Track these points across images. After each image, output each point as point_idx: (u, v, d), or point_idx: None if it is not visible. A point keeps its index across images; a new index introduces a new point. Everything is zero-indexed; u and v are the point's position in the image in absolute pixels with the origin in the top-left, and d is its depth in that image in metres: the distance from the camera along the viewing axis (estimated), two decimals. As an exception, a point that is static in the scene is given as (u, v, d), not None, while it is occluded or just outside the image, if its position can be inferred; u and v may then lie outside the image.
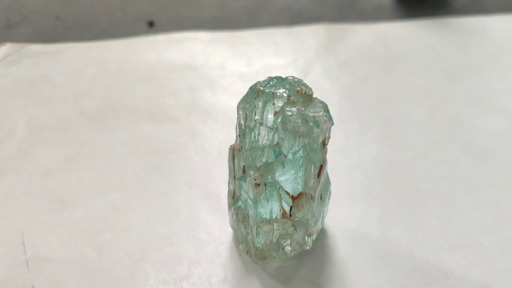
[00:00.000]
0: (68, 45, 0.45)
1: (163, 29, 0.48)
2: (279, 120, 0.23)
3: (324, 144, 0.25)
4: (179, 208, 0.32)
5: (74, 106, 0.39)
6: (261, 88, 0.24)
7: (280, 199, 0.25)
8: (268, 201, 0.25)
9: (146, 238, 0.30)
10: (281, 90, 0.24)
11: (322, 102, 0.24)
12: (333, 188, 0.31)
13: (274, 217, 0.26)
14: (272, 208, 0.25)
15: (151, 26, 0.48)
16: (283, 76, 0.25)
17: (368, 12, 0.50)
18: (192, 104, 0.39)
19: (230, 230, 0.31)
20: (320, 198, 0.27)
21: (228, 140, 0.36)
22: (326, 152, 0.25)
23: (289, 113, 0.23)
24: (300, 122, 0.23)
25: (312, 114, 0.23)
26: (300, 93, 0.24)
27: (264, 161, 0.24)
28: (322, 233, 0.30)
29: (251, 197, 0.25)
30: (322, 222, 0.29)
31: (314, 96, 0.25)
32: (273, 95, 0.24)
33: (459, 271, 0.29)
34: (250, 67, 0.43)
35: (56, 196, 0.33)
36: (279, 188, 0.25)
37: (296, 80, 0.25)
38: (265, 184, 0.24)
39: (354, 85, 0.41)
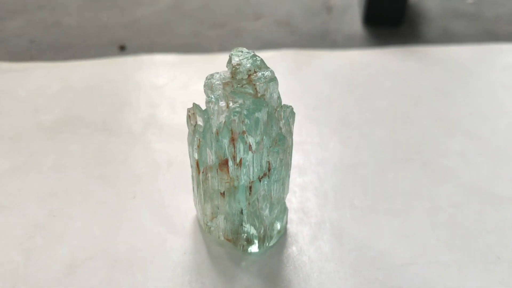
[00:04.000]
0: (37, 64, 0.46)
1: (134, 53, 0.48)
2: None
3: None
4: (119, 216, 0.31)
5: (31, 119, 0.39)
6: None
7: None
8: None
9: (80, 246, 0.29)
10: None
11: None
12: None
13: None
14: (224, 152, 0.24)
15: (122, 50, 0.49)
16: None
17: (339, 43, 0.51)
18: (150, 120, 0.39)
19: (169, 238, 0.29)
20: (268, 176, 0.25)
21: (181, 154, 0.35)
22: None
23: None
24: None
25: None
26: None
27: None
28: (272, 247, 0.29)
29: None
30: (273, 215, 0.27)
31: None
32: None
33: (409, 289, 0.27)
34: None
35: (-7, 201, 0.31)
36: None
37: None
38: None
39: (316, 105, 0.41)
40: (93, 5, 0.58)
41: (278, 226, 0.29)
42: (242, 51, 0.24)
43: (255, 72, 0.23)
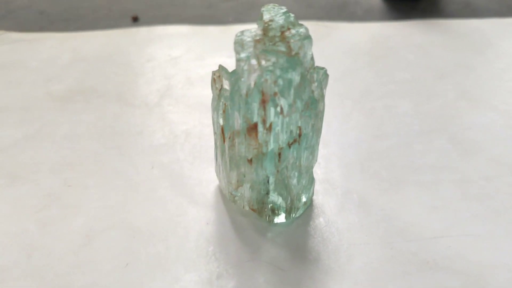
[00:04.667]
0: (47, 35, 0.44)
1: (147, 24, 0.46)
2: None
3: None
4: (136, 187, 0.29)
5: (42, 89, 0.37)
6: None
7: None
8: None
9: (97, 216, 0.27)
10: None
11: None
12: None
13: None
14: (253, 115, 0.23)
15: (135, 21, 0.47)
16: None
17: (358, 15, 0.49)
18: (166, 91, 0.38)
19: (190, 208, 0.28)
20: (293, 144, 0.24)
21: (199, 124, 0.34)
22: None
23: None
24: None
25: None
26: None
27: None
28: (298, 219, 0.27)
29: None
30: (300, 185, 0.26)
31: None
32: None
33: (443, 262, 0.25)
34: (231, 58, 0.41)
35: (6, 171, 0.30)
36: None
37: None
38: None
39: (337, 77, 0.39)
40: (102, -23, 0.56)
41: (304, 197, 0.27)
42: (274, 7, 0.23)
43: (289, 29, 0.22)
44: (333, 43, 0.43)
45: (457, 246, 0.26)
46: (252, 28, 0.23)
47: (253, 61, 0.21)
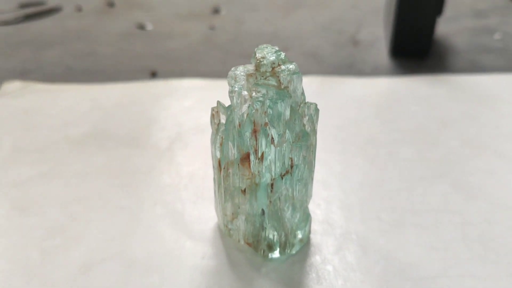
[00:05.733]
0: (70, 86, 0.47)
1: (164, 79, 0.49)
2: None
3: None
4: (138, 222, 0.30)
5: (59, 133, 0.39)
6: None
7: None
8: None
9: (97, 247, 0.28)
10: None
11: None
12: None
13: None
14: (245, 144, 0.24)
15: (154, 76, 0.50)
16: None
17: (365, 73, 0.51)
18: (176, 137, 0.39)
19: (188, 243, 0.28)
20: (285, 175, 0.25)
21: (204, 166, 0.35)
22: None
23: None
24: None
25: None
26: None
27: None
28: (294, 255, 0.27)
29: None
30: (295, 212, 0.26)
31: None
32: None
33: (440, 302, 0.25)
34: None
35: (18, 204, 0.32)
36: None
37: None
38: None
39: (342, 125, 0.40)
40: (128, 38, 0.60)
41: (300, 234, 0.28)
42: (267, 47, 0.24)
43: (279, 65, 0.24)
44: (339, 96, 0.45)
45: (456, 286, 0.26)
46: (246, 65, 0.24)
47: (244, 93, 0.23)
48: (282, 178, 0.25)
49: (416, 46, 0.53)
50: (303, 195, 0.26)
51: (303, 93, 0.24)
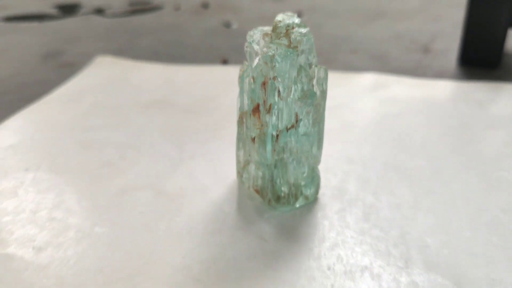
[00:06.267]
0: (151, 64, 0.54)
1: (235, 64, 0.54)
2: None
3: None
4: (176, 167, 0.35)
5: (132, 98, 0.46)
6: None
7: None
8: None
9: (135, 180, 0.33)
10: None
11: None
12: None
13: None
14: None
15: (224, 63, 0.56)
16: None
17: (427, 77, 0.51)
18: (229, 111, 0.44)
19: (209, 186, 0.32)
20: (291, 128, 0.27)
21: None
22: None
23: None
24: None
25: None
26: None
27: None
28: (298, 210, 0.30)
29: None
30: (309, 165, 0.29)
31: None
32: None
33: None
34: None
35: (84, 144, 0.38)
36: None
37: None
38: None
39: (384, 117, 0.42)
40: (213, 33, 0.67)
41: (307, 191, 0.30)
42: (288, 14, 0.28)
43: (293, 28, 0.27)
44: (388, 92, 0.46)
45: (457, 263, 0.26)
46: (266, 27, 0.28)
47: (256, 47, 0.26)
48: (287, 131, 0.27)
49: (485, 56, 0.52)
50: (308, 151, 0.29)
51: (315, 56, 0.27)
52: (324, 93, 0.28)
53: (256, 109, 0.28)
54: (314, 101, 0.27)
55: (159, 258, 0.26)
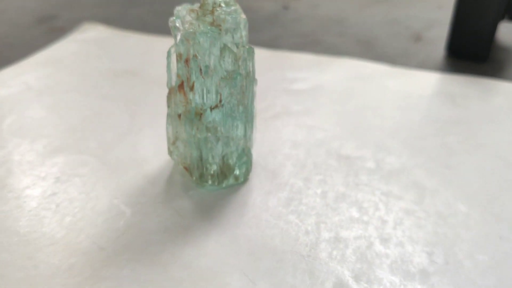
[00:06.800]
0: (133, 34, 0.55)
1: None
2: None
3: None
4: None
5: (104, 66, 0.47)
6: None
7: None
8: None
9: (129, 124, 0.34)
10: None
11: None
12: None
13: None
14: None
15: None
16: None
17: (410, 65, 0.50)
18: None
19: (151, 158, 0.33)
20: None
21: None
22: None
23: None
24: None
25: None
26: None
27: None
28: (226, 189, 0.30)
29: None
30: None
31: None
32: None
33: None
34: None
35: (95, 109, 0.39)
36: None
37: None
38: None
39: (352, 103, 0.41)
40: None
41: (237, 172, 0.30)
42: None
43: (220, 5, 0.26)
44: (363, 80, 0.45)
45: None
46: (194, 3, 0.28)
47: (178, 23, 0.26)
48: (211, 110, 0.27)
49: (473, 49, 0.50)
50: (234, 131, 0.29)
51: (244, 36, 0.27)
52: (249, 73, 0.28)
53: (181, 86, 0.28)
54: (238, 82, 0.27)
55: (73, 224, 0.27)
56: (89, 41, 0.53)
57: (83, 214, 0.28)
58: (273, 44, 0.54)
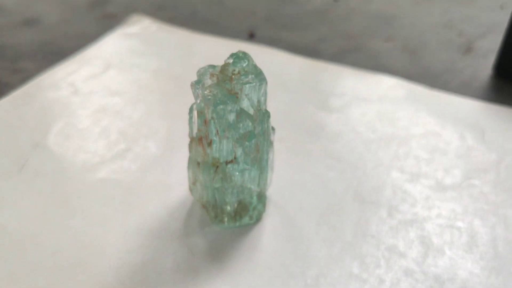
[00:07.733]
0: (178, 30, 0.56)
1: (261, 43, 0.54)
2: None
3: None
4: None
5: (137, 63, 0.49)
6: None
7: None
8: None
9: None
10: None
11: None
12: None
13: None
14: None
15: (252, 37, 0.56)
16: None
17: (451, 87, 0.48)
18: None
19: (176, 190, 0.35)
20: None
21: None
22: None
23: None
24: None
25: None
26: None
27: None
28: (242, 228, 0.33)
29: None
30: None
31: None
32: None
33: None
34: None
35: (111, 92, 0.42)
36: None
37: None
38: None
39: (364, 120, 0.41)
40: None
41: (251, 213, 0.32)
42: (240, 55, 0.28)
43: (238, 73, 0.28)
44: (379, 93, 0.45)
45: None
46: (218, 66, 0.29)
47: (199, 89, 0.28)
48: (226, 165, 0.29)
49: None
50: (249, 184, 0.30)
51: (260, 102, 0.28)
52: (265, 132, 0.29)
53: (200, 140, 0.30)
54: (252, 143, 0.29)
55: (101, 253, 0.31)
56: (135, 36, 0.55)
57: (111, 243, 0.32)
58: (316, 48, 0.54)
